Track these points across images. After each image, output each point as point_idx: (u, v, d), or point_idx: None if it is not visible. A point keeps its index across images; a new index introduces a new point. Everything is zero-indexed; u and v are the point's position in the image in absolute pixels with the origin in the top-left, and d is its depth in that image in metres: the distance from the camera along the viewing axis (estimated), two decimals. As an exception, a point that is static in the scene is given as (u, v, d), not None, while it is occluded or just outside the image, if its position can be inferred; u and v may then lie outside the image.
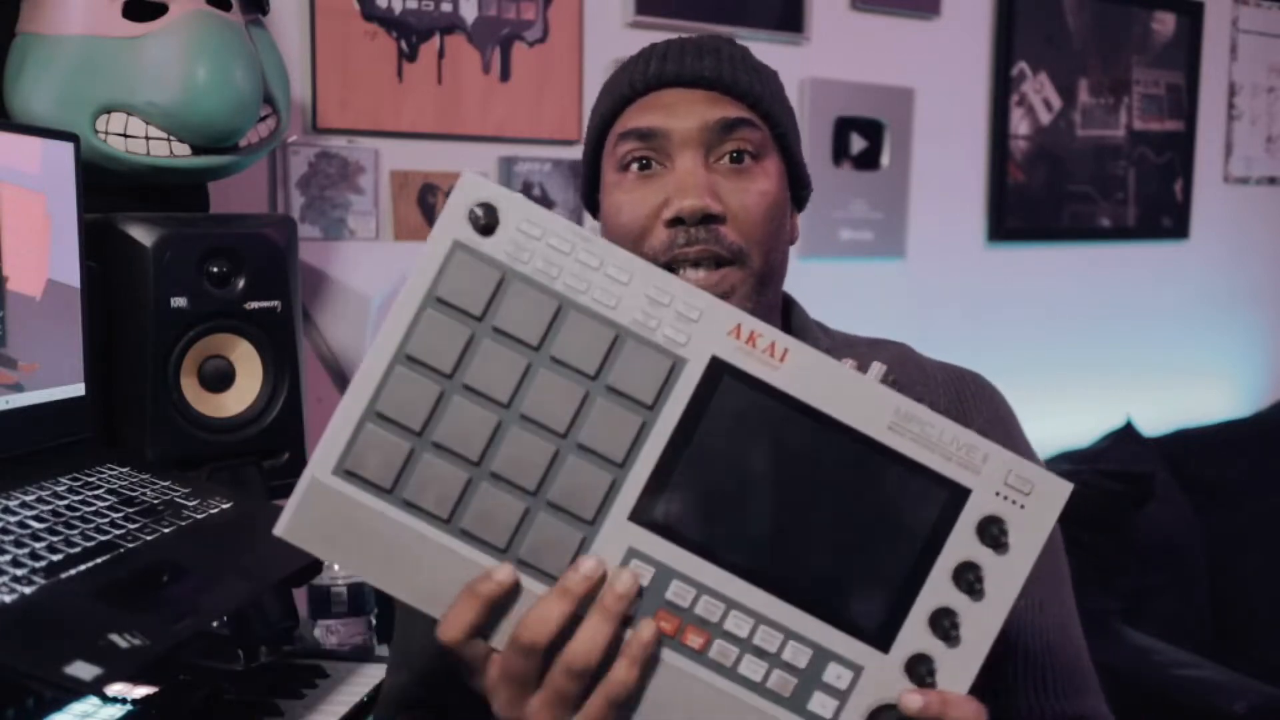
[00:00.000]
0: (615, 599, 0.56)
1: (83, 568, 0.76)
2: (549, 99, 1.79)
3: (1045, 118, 2.43)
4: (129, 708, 0.85)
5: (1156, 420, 2.55)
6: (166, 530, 0.87)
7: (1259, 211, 2.91)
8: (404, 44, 1.67)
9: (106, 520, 0.86)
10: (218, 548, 0.87)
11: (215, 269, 1.14)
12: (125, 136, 1.18)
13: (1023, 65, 2.38)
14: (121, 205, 1.18)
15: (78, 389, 1.03)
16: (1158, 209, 2.66)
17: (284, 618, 1.09)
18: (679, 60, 0.85)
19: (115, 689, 0.85)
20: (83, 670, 0.63)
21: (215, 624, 1.01)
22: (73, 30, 1.17)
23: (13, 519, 0.81)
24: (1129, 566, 2.16)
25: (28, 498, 0.86)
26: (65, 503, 0.87)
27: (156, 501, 0.92)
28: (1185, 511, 2.37)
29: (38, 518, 0.83)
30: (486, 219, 0.57)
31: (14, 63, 1.21)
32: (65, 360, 1.02)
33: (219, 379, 1.16)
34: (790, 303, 0.93)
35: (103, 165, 1.18)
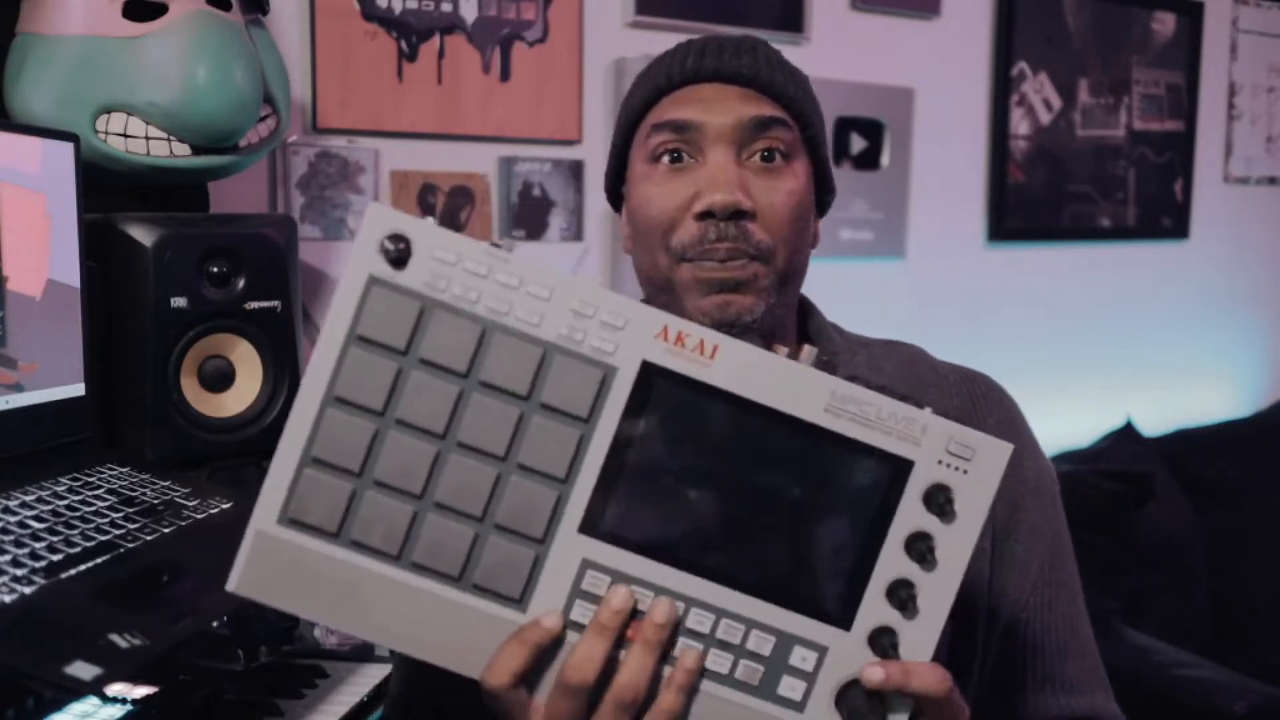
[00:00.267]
0: (655, 629, 0.57)
1: (83, 568, 0.76)
2: (549, 99, 1.79)
3: (1045, 118, 2.43)
4: (129, 708, 0.85)
5: (1156, 420, 2.55)
6: (166, 530, 0.87)
7: (1259, 211, 2.91)
8: (404, 44, 1.67)
9: (106, 520, 0.86)
10: (218, 548, 0.87)
11: (215, 269, 1.14)
12: (125, 136, 1.18)
13: (1023, 65, 2.38)
14: (121, 205, 1.18)
15: (78, 389, 1.03)
16: (1158, 209, 2.66)
17: (284, 618, 1.09)
18: (717, 56, 0.84)
19: (115, 689, 0.85)
20: (83, 670, 0.63)
21: (215, 624, 1.01)
22: (73, 30, 1.17)
23: (13, 519, 0.81)
24: (1129, 566, 2.15)
25: (28, 498, 0.86)
26: (65, 503, 0.87)
27: (156, 501, 0.92)
28: (1185, 511, 2.37)
29: (38, 518, 0.83)
30: (398, 251, 0.56)
31: (14, 63, 1.21)
32: (65, 360, 1.02)
33: (219, 379, 1.16)
34: (807, 305, 0.93)
35: (103, 165, 1.18)
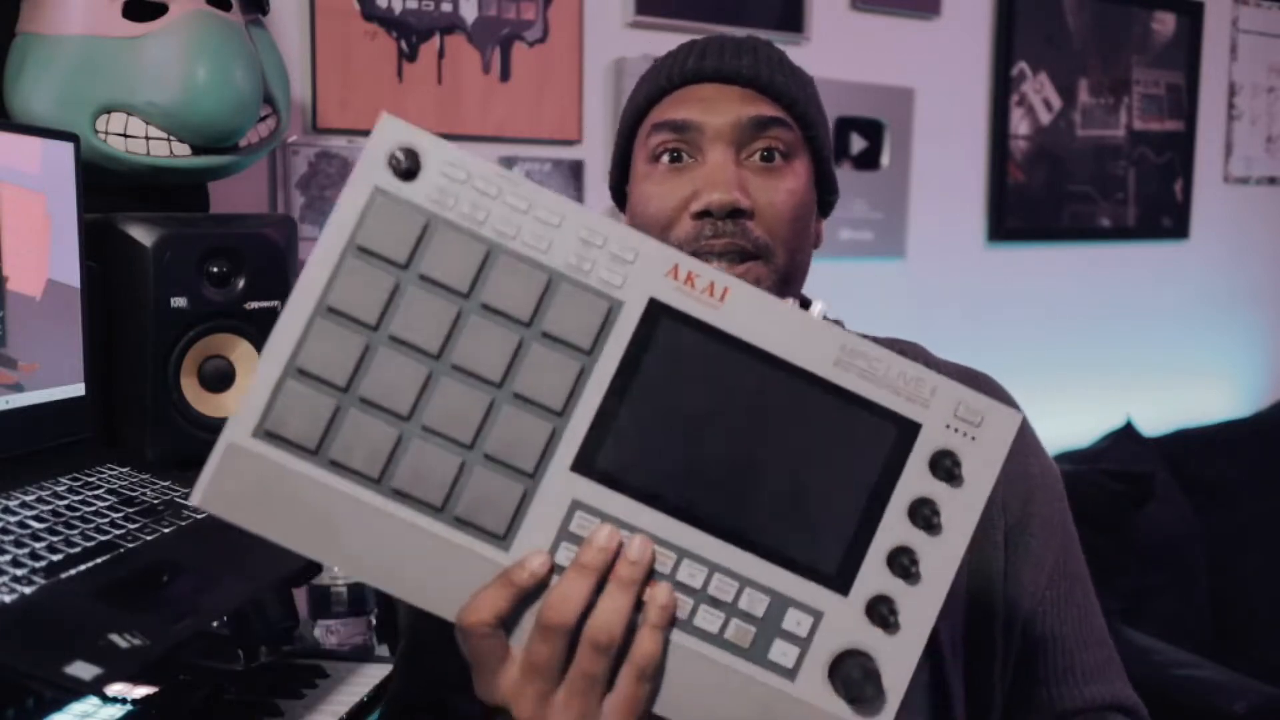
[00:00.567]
0: (629, 567, 0.54)
1: (83, 568, 0.76)
2: (549, 99, 1.79)
3: (1045, 118, 2.43)
4: (129, 708, 0.85)
5: (1156, 420, 2.56)
6: (166, 530, 0.87)
7: (1259, 211, 2.91)
8: (404, 44, 1.67)
9: (106, 520, 0.86)
10: (218, 548, 0.87)
11: (215, 269, 1.14)
12: (125, 136, 1.18)
13: (1023, 65, 2.38)
14: (121, 205, 1.18)
15: (78, 389, 1.03)
16: (1158, 209, 2.66)
17: (284, 618, 1.09)
18: (718, 56, 0.85)
19: (115, 689, 0.85)
20: (83, 670, 0.63)
21: (215, 624, 1.01)
22: (73, 30, 1.17)
23: (13, 519, 0.81)
24: (1129, 566, 2.16)
25: (28, 498, 0.86)
26: (65, 503, 0.87)
27: (156, 501, 0.92)
28: (1185, 511, 2.37)
29: (38, 518, 0.83)
30: (408, 163, 0.54)
31: (14, 63, 1.21)
32: (65, 360, 1.02)
33: (219, 379, 1.16)
34: (808, 305, 0.93)
35: (103, 165, 1.18)
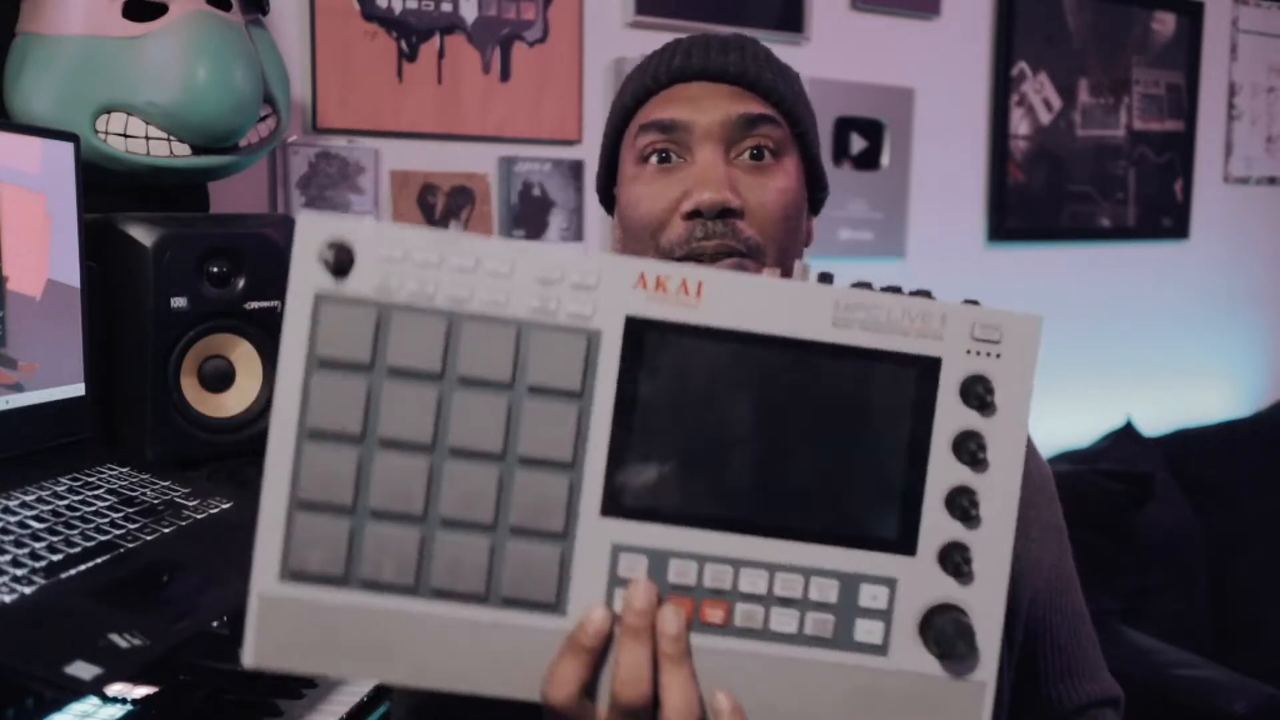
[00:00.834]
0: (671, 643, 0.52)
1: (83, 568, 0.76)
2: (549, 99, 1.79)
3: (1045, 118, 2.43)
4: (129, 708, 0.85)
5: (1156, 420, 2.56)
6: (166, 530, 0.87)
7: (1259, 211, 2.91)
8: (404, 44, 1.67)
9: (106, 520, 0.86)
10: (218, 548, 0.87)
11: (215, 269, 1.14)
12: (125, 136, 1.18)
13: (1023, 65, 2.38)
14: (121, 205, 1.18)
15: (78, 389, 1.03)
16: (1158, 209, 2.66)
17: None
18: (704, 54, 0.84)
19: (115, 689, 0.85)
20: (83, 670, 0.63)
21: (215, 624, 1.01)
22: (73, 30, 1.17)
23: (13, 519, 0.81)
24: (1129, 566, 2.16)
25: (28, 498, 0.86)
26: (65, 503, 0.87)
27: (156, 501, 0.92)
28: (1185, 511, 2.37)
29: (38, 518, 0.83)
30: (338, 257, 0.51)
31: (14, 63, 1.21)
32: (65, 360, 1.02)
33: (219, 379, 1.16)
34: None
35: (103, 165, 1.18)
